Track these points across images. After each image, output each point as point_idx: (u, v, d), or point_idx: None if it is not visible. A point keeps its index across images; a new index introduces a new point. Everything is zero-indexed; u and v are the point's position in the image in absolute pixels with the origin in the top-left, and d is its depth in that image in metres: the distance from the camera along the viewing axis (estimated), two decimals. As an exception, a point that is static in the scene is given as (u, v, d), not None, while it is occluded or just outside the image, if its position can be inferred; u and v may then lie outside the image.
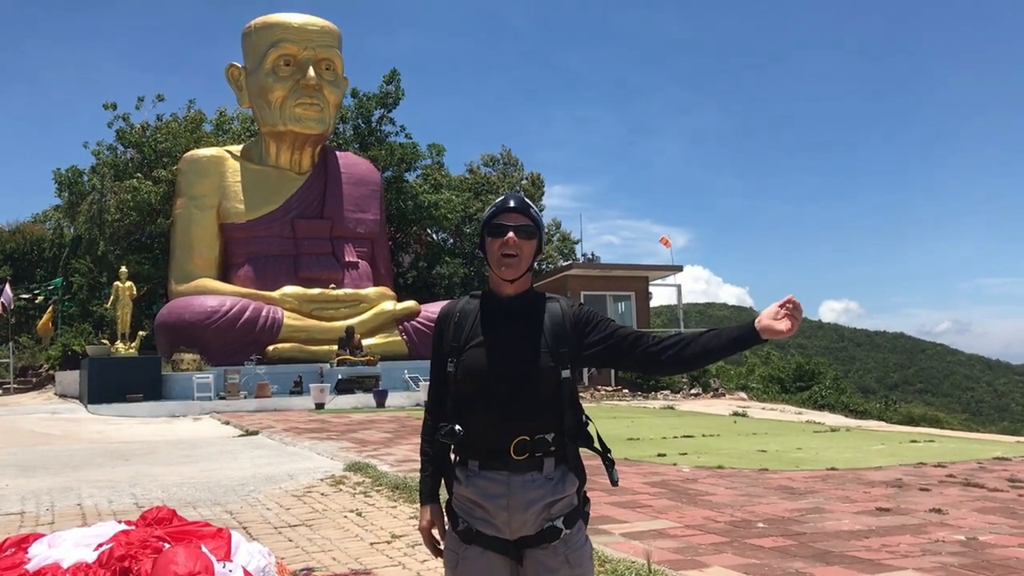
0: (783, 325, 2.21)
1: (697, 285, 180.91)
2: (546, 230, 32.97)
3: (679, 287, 31.69)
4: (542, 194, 39.00)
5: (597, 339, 2.39)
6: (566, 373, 2.32)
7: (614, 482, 2.40)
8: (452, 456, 2.44)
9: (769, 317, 2.24)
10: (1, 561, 4.46)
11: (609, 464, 2.40)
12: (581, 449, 2.41)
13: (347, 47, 27.59)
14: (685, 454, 10.35)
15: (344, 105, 30.86)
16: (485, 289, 2.48)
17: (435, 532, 2.46)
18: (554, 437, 2.30)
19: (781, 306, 2.25)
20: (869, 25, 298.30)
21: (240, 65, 26.33)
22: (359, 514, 6.77)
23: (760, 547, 5.36)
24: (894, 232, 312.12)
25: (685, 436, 12.63)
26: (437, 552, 2.46)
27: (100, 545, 4.53)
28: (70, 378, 23.84)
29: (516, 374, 2.28)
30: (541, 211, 36.60)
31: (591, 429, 2.41)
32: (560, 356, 2.32)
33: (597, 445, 2.41)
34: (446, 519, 2.44)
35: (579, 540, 2.32)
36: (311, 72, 25.02)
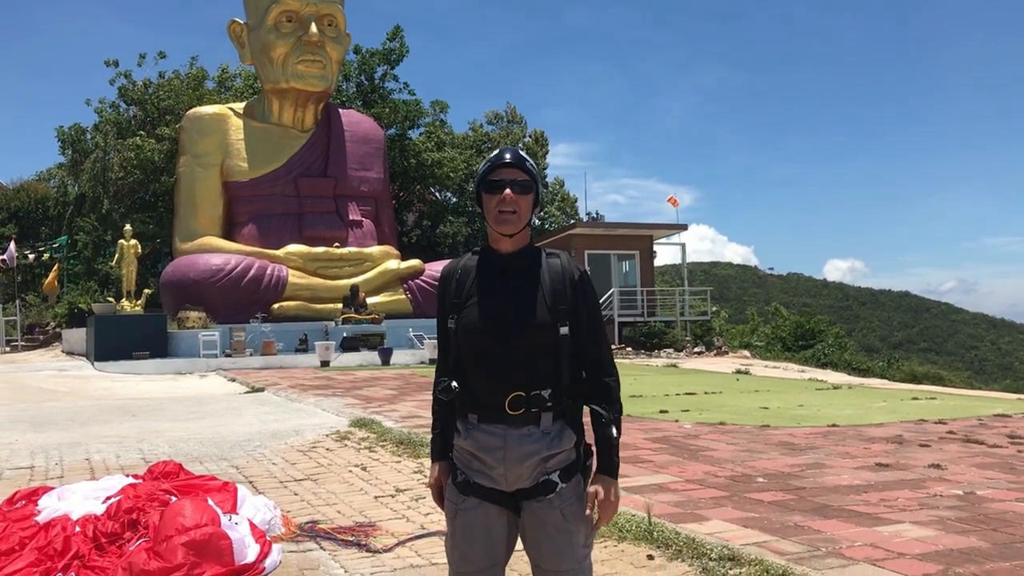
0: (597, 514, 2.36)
1: (702, 244, 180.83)
2: (548, 189, 32.58)
3: (683, 246, 31.63)
4: (546, 152, 38.79)
5: (580, 323, 2.35)
6: (564, 330, 2.30)
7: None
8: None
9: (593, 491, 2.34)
10: (12, 512, 4.54)
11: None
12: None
13: (349, 3, 27.28)
14: (687, 411, 10.41)
15: (347, 62, 30.63)
16: (484, 244, 2.46)
17: (443, 483, 2.48)
18: (551, 393, 2.30)
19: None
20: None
21: (242, 21, 26.08)
22: (364, 468, 6.84)
23: (760, 501, 5.42)
24: (900, 191, 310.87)
25: (687, 393, 12.70)
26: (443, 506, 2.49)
27: (108, 498, 4.61)
28: (77, 336, 23.98)
29: (512, 330, 2.28)
30: (544, 169, 36.11)
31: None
32: (558, 312, 2.31)
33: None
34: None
35: (575, 495, 2.33)
36: (313, 28, 24.79)
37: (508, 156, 2.36)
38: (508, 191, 2.32)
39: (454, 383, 2.35)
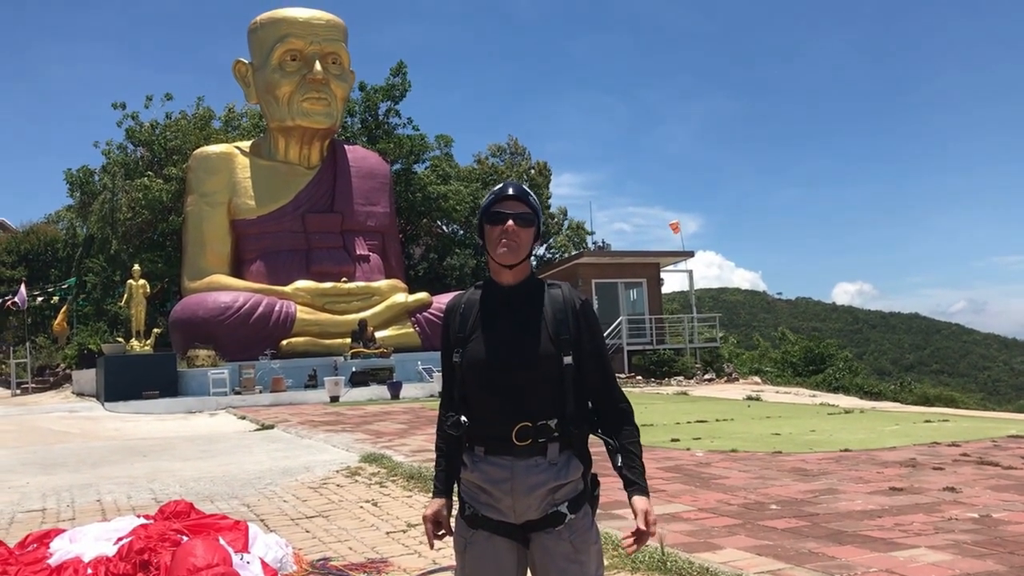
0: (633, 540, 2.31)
1: (709, 270, 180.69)
2: (554, 219, 32.67)
3: (691, 273, 31.68)
4: (549, 182, 38.93)
5: (583, 352, 2.37)
6: (568, 359, 2.32)
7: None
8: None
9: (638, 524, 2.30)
10: (24, 556, 4.54)
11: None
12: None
13: (353, 40, 27.61)
14: (699, 439, 10.37)
15: (351, 99, 30.91)
16: (486, 278, 2.49)
17: (440, 520, 2.47)
18: (557, 423, 2.31)
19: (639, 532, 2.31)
20: (878, 9, 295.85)
21: (247, 61, 26.38)
22: (375, 504, 6.83)
23: (773, 528, 5.39)
24: (907, 212, 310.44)
25: (699, 421, 12.64)
26: (432, 542, 2.49)
27: (120, 539, 4.60)
28: (87, 376, 24.03)
29: (515, 362, 2.30)
30: (548, 200, 36.23)
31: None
32: (561, 343, 2.32)
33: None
34: (455, 505, 2.47)
35: (584, 525, 2.32)
36: (318, 66, 25.05)
37: (511, 190, 2.40)
38: (511, 222, 2.35)
39: (463, 418, 2.35)
